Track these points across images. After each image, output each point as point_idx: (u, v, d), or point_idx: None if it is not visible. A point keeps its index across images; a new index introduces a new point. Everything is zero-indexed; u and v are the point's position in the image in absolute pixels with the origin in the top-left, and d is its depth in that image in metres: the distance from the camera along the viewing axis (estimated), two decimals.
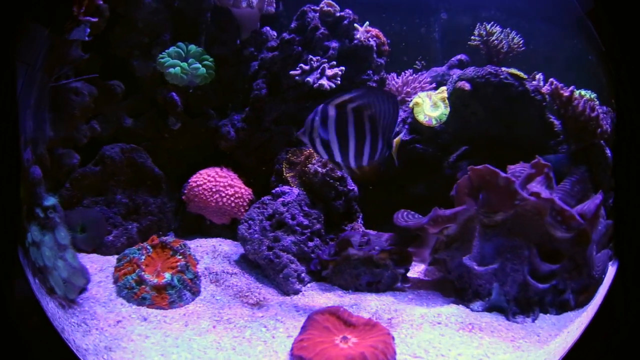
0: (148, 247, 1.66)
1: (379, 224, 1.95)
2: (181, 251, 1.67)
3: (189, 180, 1.98)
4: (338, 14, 2.04)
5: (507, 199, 1.53)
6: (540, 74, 2.15)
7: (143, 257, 1.62)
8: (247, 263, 1.81)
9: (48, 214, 1.37)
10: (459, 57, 2.32)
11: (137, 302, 1.47)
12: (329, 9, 2.01)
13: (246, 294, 1.63)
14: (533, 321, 1.50)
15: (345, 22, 2.02)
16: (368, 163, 1.35)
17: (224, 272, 1.75)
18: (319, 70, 1.89)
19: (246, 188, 2.00)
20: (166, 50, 1.98)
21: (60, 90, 1.76)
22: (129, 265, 1.60)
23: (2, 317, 0.78)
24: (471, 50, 2.28)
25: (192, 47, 2.02)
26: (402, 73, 2.19)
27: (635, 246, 1.29)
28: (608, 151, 2.18)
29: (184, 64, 1.97)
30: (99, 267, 1.69)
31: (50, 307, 1.12)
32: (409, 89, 2.13)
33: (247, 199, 1.97)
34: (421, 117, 1.96)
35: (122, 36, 1.98)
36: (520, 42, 2.11)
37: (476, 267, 1.54)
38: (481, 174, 1.55)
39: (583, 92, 2.21)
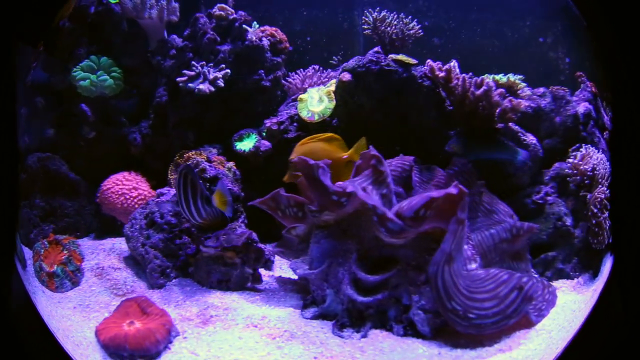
0: (45, 242, 1.91)
1: (268, 224, 1.95)
2: (67, 247, 1.88)
3: (101, 184, 2.14)
4: (231, 17, 2.08)
5: (325, 195, 1.38)
6: (454, 60, 1.98)
7: (42, 250, 1.89)
8: (133, 260, 1.93)
9: None
10: (375, 49, 2.23)
11: (41, 282, 1.79)
12: (221, 12, 2.07)
13: (120, 287, 1.77)
14: (360, 338, 1.33)
15: (237, 24, 2.06)
16: (202, 219, 1.58)
17: (110, 267, 1.89)
18: (202, 75, 1.95)
19: (150, 190, 2.12)
20: (80, 64, 2.17)
21: None
22: (35, 256, 1.89)
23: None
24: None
25: (104, 60, 2.18)
26: (300, 70, 2.16)
27: (635, 248, 1.22)
28: (530, 137, 1.97)
29: (93, 77, 2.14)
30: (28, 256, 1.96)
31: (19, 268, 1.47)
32: (305, 86, 2.10)
33: None
34: (304, 114, 1.93)
35: (48, 56, 2.21)
36: (418, 27, 1.97)
37: (298, 271, 1.46)
38: (297, 167, 1.45)
39: (498, 76, 2.00)
